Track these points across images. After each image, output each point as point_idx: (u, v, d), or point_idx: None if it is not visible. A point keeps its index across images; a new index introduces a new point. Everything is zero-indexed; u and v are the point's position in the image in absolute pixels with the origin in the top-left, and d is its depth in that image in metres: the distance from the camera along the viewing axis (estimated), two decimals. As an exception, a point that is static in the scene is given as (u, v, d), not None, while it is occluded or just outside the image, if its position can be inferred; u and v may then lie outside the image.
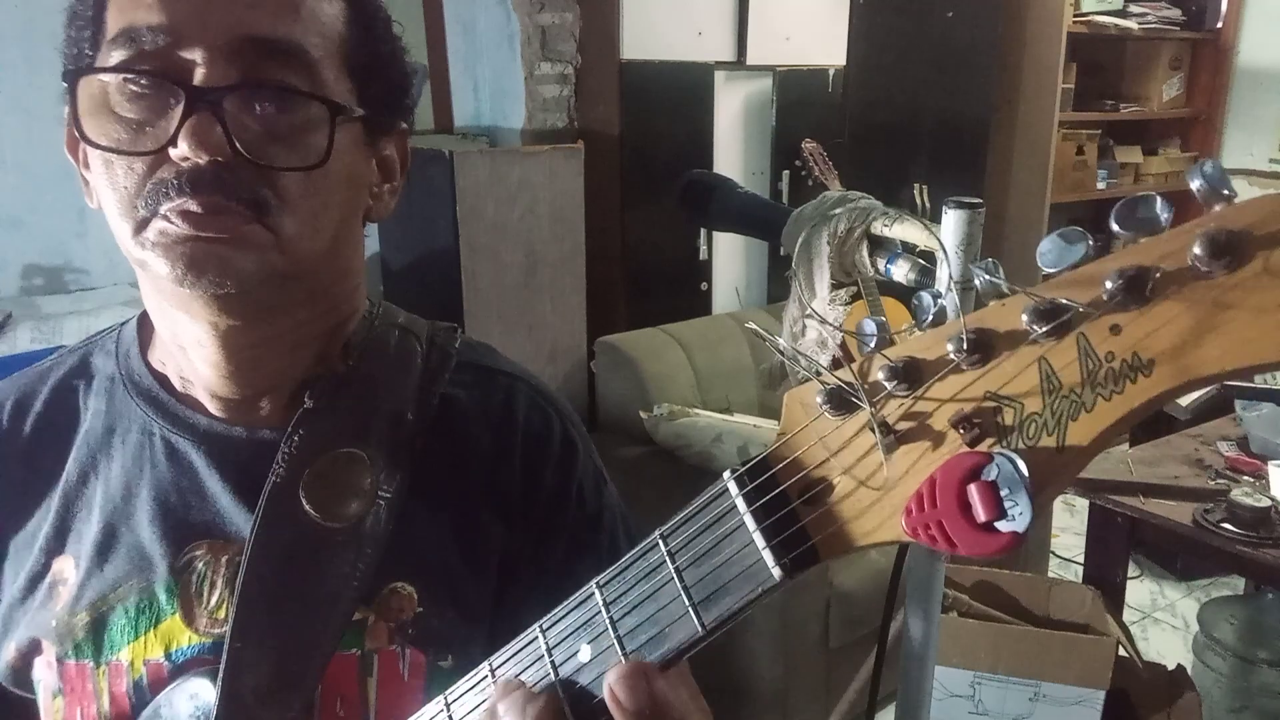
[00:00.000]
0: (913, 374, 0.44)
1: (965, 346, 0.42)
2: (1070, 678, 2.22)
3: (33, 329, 2.58)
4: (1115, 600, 2.46)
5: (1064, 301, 0.40)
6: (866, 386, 0.45)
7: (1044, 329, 0.41)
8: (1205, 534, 2.19)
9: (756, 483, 0.50)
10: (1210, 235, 0.37)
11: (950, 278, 0.95)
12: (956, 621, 2.28)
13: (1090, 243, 0.40)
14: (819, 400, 0.47)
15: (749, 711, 2.69)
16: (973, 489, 0.42)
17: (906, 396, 0.45)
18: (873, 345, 0.45)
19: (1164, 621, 3.50)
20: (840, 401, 0.46)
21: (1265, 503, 2.18)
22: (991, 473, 0.41)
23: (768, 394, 3.44)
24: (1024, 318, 0.42)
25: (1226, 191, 0.38)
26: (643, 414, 3.18)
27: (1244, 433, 2.65)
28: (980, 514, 0.41)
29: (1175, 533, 2.26)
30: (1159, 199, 0.39)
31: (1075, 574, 2.89)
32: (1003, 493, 0.41)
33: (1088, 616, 2.35)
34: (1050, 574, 3.41)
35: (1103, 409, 0.40)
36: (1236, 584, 3.37)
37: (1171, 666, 2.37)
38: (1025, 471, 0.40)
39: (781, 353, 0.50)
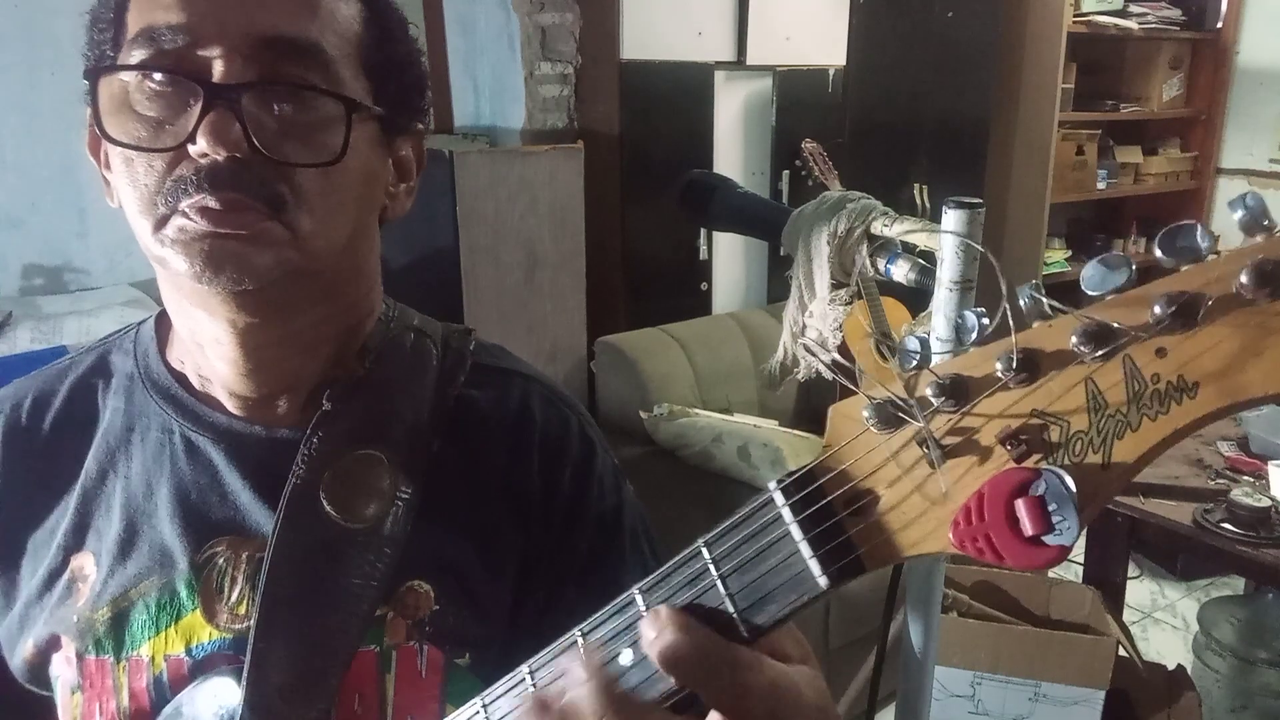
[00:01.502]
0: (960, 390, 0.46)
1: (1014, 365, 0.43)
2: (1070, 678, 2.23)
3: (33, 329, 2.57)
4: (1115, 600, 2.47)
5: (1114, 325, 0.41)
6: (914, 401, 0.47)
7: (1092, 350, 0.42)
8: (1205, 534, 2.20)
9: (803, 493, 0.50)
10: (1258, 264, 0.38)
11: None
12: (956, 621, 2.30)
13: (1133, 268, 0.41)
14: (865, 415, 0.48)
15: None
16: (1020, 504, 0.43)
17: (954, 412, 0.46)
18: (915, 362, 0.46)
19: (1164, 621, 3.51)
20: (887, 415, 0.48)
21: (1265, 503, 2.19)
22: (1039, 488, 0.43)
23: (768, 394, 3.45)
24: (1072, 339, 0.43)
25: (1267, 222, 0.39)
26: (643, 414, 3.18)
27: (1244, 433, 2.66)
28: (1028, 528, 0.43)
29: (1175, 533, 2.27)
30: (1199, 228, 0.41)
31: (1075, 574, 2.90)
32: (1050, 508, 0.42)
33: (1088, 616, 2.36)
34: (1050, 574, 3.42)
35: (1148, 429, 0.42)
36: (1236, 584, 3.38)
37: (1171, 666, 2.39)
38: (1073, 487, 0.42)
39: (832, 371, 0.50)
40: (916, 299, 1.13)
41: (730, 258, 4.04)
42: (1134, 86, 4.91)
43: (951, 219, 1.03)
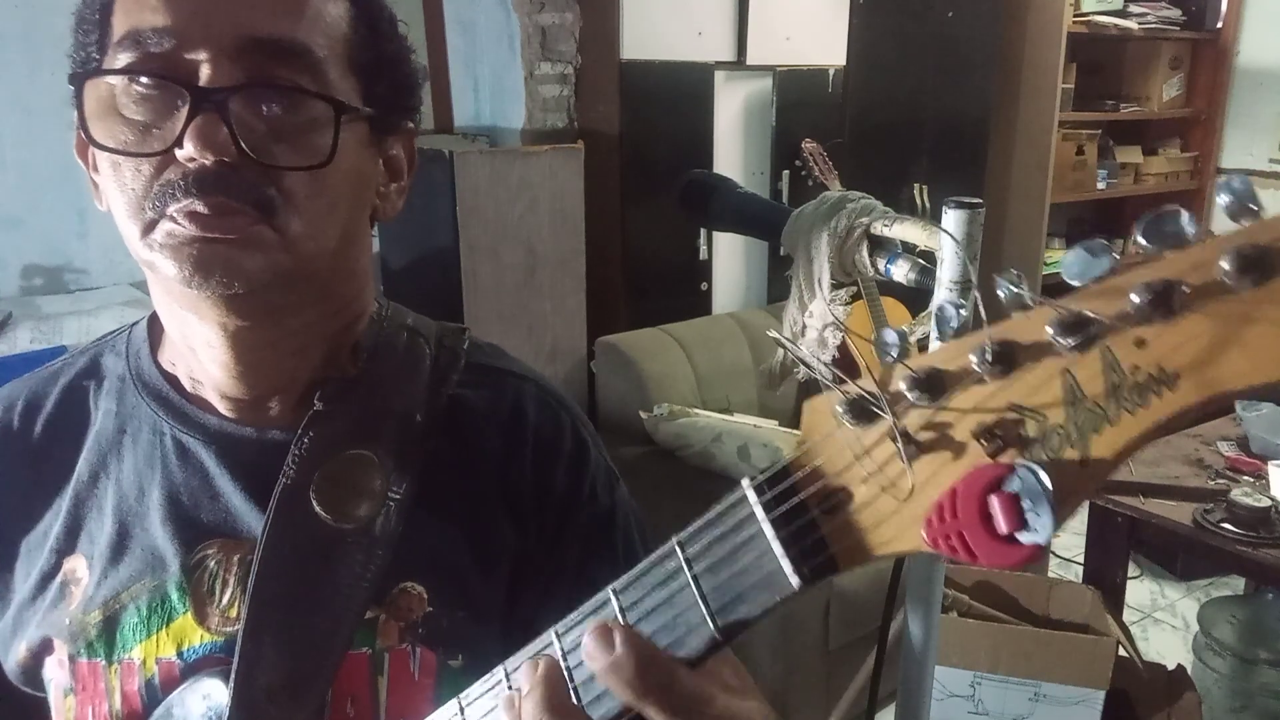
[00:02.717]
0: (935, 384, 0.44)
1: (989, 357, 0.42)
2: (1070, 678, 2.22)
3: (33, 329, 2.57)
4: (1115, 600, 2.46)
5: (1089, 314, 0.40)
6: (888, 396, 0.45)
7: (1069, 341, 0.41)
8: (1205, 534, 2.20)
9: (775, 491, 0.49)
10: (1239, 250, 0.37)
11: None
12: (956, 621, 2.29)
13: (1116, 255, 0.40)
14: (839, 409, 0.47)
15: (749, 711, 2.69)
16: (994, 500, 0.41)
17: (928, 406, 0.45)
18: (894, 355, 0.45)
19: (1164, 621, 3.50)
20: (861, 410, 0.46)
21: (1265, 503, 2.19)
22: (1013, 484, 0.41)
23: (768, 394, 3.44)
24: (1048, 329, 0.41)
25: (1254, 206, 0.38)
26: (643, 414, 3.18)
27: (1244, 433, 2.65)
28: (1001, 525, 0.41)
29: (1175, 533, 2.27)
30: (1184, 213, 0.39)
31: (1075, 574, 2.89)
32: (1025, 504, 0.41)
33: (1088, 616, 2.35)
34: (1050, 574, 3.41)
35: (1127, 422, 0.40)
36: (1236, 584, 3.38)
37: (1171, 666, 2.38)
38: (1048, 483, 0.40)
39: (808, 365, 0.49)
40: (916, 299, 1.12)
41: (730, 258, 4.03)
42: (1134, 86, 4.91)
43: (951, 219, 1.03)
